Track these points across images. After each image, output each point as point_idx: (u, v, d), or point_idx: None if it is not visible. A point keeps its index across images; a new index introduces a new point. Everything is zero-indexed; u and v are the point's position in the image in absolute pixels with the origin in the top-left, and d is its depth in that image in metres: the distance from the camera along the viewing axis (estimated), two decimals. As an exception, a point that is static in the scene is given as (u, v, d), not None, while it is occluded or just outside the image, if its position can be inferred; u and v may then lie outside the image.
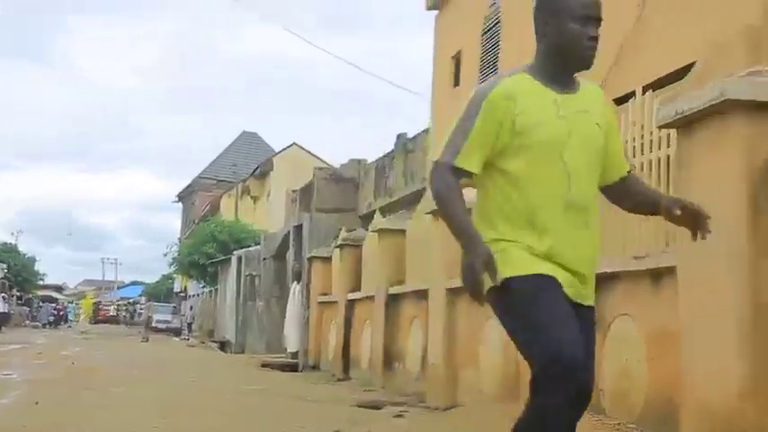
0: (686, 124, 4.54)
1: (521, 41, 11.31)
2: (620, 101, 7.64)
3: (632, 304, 5.18)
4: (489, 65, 12.43)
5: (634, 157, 5.49)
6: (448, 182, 2.42)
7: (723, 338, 4.10)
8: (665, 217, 2.56)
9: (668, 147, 5.19)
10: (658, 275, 4.89)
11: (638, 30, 7.98)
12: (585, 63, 2.45)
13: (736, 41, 6.55)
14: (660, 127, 4.86)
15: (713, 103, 4.23)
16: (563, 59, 2.44)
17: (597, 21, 2.44)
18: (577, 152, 2.41)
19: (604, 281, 5.47)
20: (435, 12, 15.04)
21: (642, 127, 5.64)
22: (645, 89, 6.53)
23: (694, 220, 2.51)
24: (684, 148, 4.61)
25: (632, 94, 6.12)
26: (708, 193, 4.37)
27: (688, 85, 6.67)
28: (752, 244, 4.06)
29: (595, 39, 2.42)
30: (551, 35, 2.44)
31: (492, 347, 7.11)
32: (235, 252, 24.84)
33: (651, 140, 5.45)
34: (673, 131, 4.85)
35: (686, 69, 7.11)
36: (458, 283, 8.09)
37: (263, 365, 14.37)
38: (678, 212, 2.50)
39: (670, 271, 4.67)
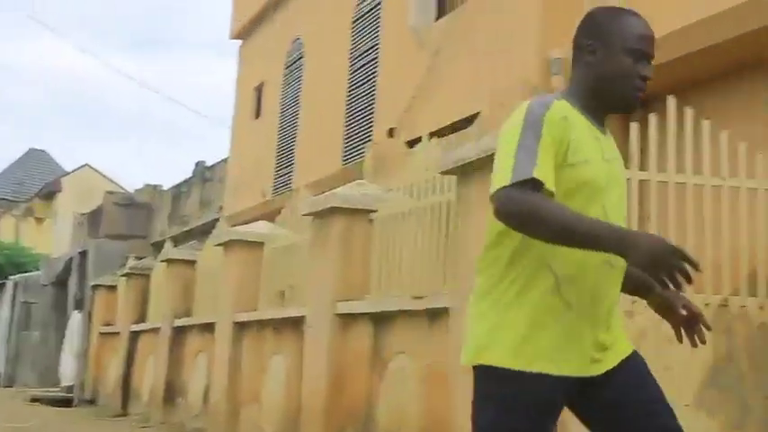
0: (465, 172, 4.77)
1: (321, 78, 11.50)
2: (412, 144, 7.95)
3: (410, 343, 5.33)
4: (291, 99, 12.51)
5: (419, 200, 5.68)
6: (533, 196, 1.90)
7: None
8: (657, 308, 2.20)
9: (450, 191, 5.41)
10: (434, 315, 5.06)
11: (429, 78, 8.34)
12: (630, 105, 2.12)
13: (516, 94, 7.02)
14: (442, 173, 5.07)
15: (489, 153, 4.46)
16: (605, 96, 2.10)
17: (650, 59, 2.12)
18: (613, 202, 2.09)
19: (385, 319, 5.60)
20: (240, 41, 14.98)
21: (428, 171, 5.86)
22: (435, 135, 6.82)
23: (689, 324, 2.15)
24: (463, 194, 4.83)
25: (420, 139, 6.35)
26: (482, 241, 4.61)
27: (473, 133, 7.06)
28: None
29: (646, 79, 2.09)
30: (597, 65, 2.09)
31: (275, 383, 7.05)
32: (10, 277, 23.13)
33: (435, 185, 5.66)
34: (454, 178, 5.07)
35: (473, 118, 7.52)
36: (244, 317, 8.03)
37: (33, 400, 13.40)
38: (684, 312, 2.14)
39: (444, 311, 4.85)
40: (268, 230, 8.05)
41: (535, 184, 1.91)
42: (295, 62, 12.51)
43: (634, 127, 4.92)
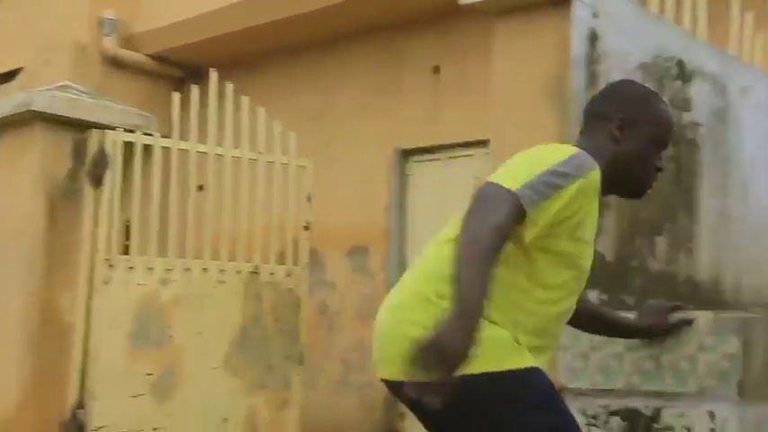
0: (-8, 129, 4.44)
1: None
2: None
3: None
4: None
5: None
6: (507, 224, 1.70)
7: (7, 348, 4.08)
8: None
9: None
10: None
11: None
12: (640, 195, 2.04)
13: (64, 52, 6.70)
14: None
15: (18, 111, 4.22)
16: (619, 176, 1.97)
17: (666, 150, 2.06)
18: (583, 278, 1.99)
19: None
20: None
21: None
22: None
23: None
24: (-11, 153, 4.49)
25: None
26: (8, 203, 4.33)
27: (13, 88, 6.58)
28: (46, 255, 4.15)
29: (661, 171, 2.02)
30: (622, 143, 1.97)
31: None
32: None
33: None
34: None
35: (16, 73, 7.01)
36: None
37: None
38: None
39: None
40: None
41: (522, 218, 1.75)
42: None
43: (176, 97, 4.98)
